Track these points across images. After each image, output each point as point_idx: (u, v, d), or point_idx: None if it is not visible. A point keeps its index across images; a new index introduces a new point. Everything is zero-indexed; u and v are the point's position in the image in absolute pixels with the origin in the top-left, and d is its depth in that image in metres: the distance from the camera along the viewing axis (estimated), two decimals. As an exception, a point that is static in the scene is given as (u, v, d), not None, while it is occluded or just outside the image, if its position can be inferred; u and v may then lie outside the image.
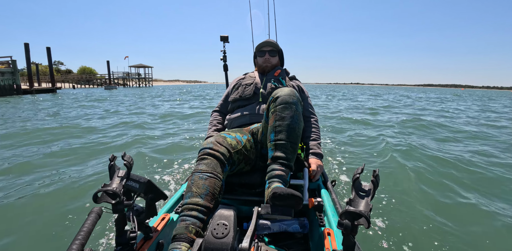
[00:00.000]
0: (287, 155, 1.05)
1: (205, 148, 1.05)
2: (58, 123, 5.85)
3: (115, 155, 0.80)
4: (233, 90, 1.65)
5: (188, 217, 0.88)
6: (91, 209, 0.73)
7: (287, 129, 1.07)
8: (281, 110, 1.10)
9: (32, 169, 2.80)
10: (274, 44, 1.64)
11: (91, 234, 0.67)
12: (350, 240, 0.67)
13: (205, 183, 0.95)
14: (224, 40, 2.35)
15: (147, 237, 0.91)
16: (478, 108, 12.11)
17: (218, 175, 0.99)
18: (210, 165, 1.00)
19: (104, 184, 0.75)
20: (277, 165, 1.03)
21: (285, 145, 1.06)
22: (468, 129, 5.59)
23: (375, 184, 0.67)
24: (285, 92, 1.13)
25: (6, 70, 18.29)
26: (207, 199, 0.93)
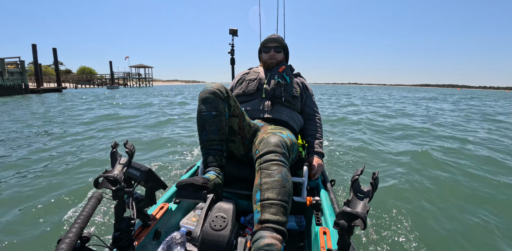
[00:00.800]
0: (279, 218, 0.84)
1: (206, 87, 1.17)
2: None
3: (117, 143, 0.81)
4: (237, 85, 1.64)
5: (211, 150, 1.12)
6: (92, 194, 0.75)
7: (276, 186, 0.90)
8: (266, 166, 0.96)
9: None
10: (280, 40, 1.62)
11: (90, 218, 0.68)
12: (345, 240, 0.67)
13: (214, 121, 1.12)
14: (234, 33, 2.33)
15: (145, 225, 0.92)
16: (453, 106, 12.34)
17: (222, 111, 1.14)
18: (212, 104, 1.12)
19: (106, 170, 0.76)
20: (267, 231, 0.81)
21: (275, 205, 0.86)
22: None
23: (374, 186, 0.67)
24: (270, 148, 1.00)
25: (15, 70, 19.00)
26: (220, 134, 1.13)
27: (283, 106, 1.49)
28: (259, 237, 0.79)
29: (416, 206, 2.10)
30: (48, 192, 2.09)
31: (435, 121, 6.77)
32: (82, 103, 11.06)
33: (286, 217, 0.87)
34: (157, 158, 2.97)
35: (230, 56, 2.45)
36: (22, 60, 19.61)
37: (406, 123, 6.31)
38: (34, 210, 1.82)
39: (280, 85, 1.51)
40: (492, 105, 14.48)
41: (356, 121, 6.19)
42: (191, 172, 1.46)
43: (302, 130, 1.58)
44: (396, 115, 7.96)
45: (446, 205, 2.15)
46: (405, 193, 2.32)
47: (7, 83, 17.89)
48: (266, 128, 1.28)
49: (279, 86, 1.50)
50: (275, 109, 1.46)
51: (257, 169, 0.99)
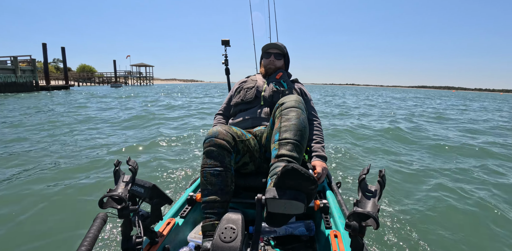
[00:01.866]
0: (294, 154, 0.97)
1: (211, 137, 1.07)
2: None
3: (119, 160, 0.81)
4: (235, 94, 1.65)
5: (211, 215, 1.00)
6: (97, 214, 0.73)
7: (294, 128, 1.01)
8: (286, 112, 1.07)
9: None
10: (281, 47, 1.64)
11: (97, 239, 0.66)
12: (358, 242, 0.66)
13: (218, 179, 1.03)
14: (226, 44, 2.35)
15: (153, 242, 0.90)
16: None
17: (227, 166, 1.05)
18: (218, 158, 1.04)
19: (110, 189, 0.75)
20: (283, 162, 0.93)
21: (291, 143, 0.98)
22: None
23: (382, 184, 0.67)
24: (291, 98, 1.12)
25: (26, 68, 19.78)
26: (223, 194, 1.03)
27: None
28: (276, 167, 0.93)
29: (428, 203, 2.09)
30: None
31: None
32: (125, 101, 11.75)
33: (300, 155, 0.99)
34: (160, 171, 2.94)
35: (225, 66, 2.46)
36: (33, 58, 20.45)
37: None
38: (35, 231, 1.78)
39: (278, 91, 1.52)
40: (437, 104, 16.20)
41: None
42: (195, 185, 1.45)
43: None
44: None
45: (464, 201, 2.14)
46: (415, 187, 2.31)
47: (20, 80, 18.70)
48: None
49: (277, 93, 1.51)
50: None
51: (278, 115, 1.09)
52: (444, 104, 16.42)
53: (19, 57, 19.25)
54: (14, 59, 18.42)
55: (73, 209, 2.07)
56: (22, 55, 19.90)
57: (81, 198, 2.25)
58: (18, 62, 18.65)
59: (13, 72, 18.36)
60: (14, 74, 18.24)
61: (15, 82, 18.30)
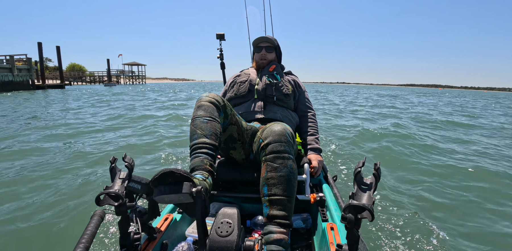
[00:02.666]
0: (285, 213, 0.94)
1: (202, 96, 1.14)
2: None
3: (115, 157, 0.80)
4: (229, 88, 1.64)
5: (200, 154, 0.98)
6: (94, 212, 0.73)
7: (282, 181, 0.96)
8: (272, 159, 0.99)
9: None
10: (271, 40, 1.63)
11: (94, 237, 0.66)
12: (354, 234, 0.67)
13: (207, 125, 1.04)
14: (220, 38, 2.32)
15: (151, 238, 0.90)
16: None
17: (216, 118, 1.08)
18: (207, 110, 1.08)
19: (106, 186, 0.75)
20: (275, 226, 0.91)
21: (281, 201, 0.95)
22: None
23: (377, 177, 0.68)
24: (275, 137, 1.01)
25: (23, 67, 20.02)
26: (213, 138, 1.02)
27: (276, 106, 1.49)
28: (269, 232, 0.91)
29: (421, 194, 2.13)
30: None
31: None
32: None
33: (292, 209, 0.97)
34: (157, 167, 2.93)
35: (220, 61, 2.44)
36: (29, 57, 20.77)
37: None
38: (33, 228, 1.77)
39: (271, 84, 1.51)
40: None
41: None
42: None
43: (298, 127, 1.59)
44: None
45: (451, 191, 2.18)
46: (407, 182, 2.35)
47: (17, 79, 19.01)
48: (263, 127, 1.28)
49: (270, 86, 1.51)
50: (268, 109, 1.47)
51: (263, 160, 1.02)
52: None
53: (14, 56, 19.33)
54: (10, 58, 18.60)
55: (69, 206, 2.07)
56: (18, 54, 20.10)
57: (78, 195, 2.24)
58: (14, 61, 18.92)
59: (10, 71, 18.57)
60: (11, 73, 18.47)
61: (12, 81, 18.55)
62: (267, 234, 0.90)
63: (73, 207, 2.01)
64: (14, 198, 2.17)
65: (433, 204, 1.99)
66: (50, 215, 1.93)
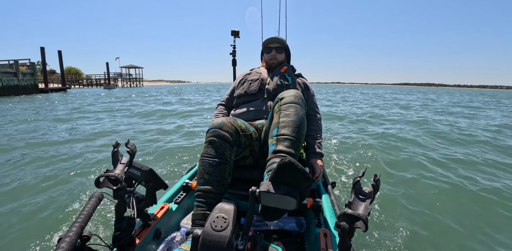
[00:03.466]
0: (292, 150, 0.96)
1: (215, 128, 1.05)
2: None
3: (118, 142, 0.81)
4: (239, 85, 1.64)
5: (203, 204, 0.99)
6: (93, 193, 0.75)
7: (292, 125, 1.01)
8: (285, 108, 1.06)
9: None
10: (281, 40, 1.62)
11: (91, 217, 0.68)
12: (346, 242, 0.67)
13: (216, 170, 1.02)
14: (235, 34, 2.33)
15: (145, 225, 0.92)
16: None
17: (228, 159, 1.04)
18: (219, 150, 1.03)
19: (107, 169, 0.76)
20: (279, 158, 0.92)
21: (289, 139, 0.98)
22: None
23: (376, 188, 0.67)
24: (291, 93, 1.11)
25: (27, 71, 20.49)
26: (219, 186, 1.02)
27: None
28: (272, 162, 0.92)
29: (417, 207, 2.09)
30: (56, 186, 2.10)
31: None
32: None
33: (297, 152, 0.98)
34: (158, 157, 2.97)
35: (232, 57, 2.44)
36: (33, 62, 21.36)
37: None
38: (33, 207, 1.82)
39: (282, 85, 1.51)
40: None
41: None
42: (192, 172, 1.46)
43: None
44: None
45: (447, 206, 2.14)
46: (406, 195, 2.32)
47: (22, 83, 19.52)
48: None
49: (281, 87, 1.50)
50: None
51: (276, 110, 1.07)
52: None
53: (20, 60, 19.81)
54: (15, 63, 19.11)
55: (68, 188, 2.11)
56: (22, 59, 20.54)
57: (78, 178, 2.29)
58: (19, 65, 19.31)
59: (15, 75, 19.01)
60: (16, 77, 18.93)
61: (17, 85, 19.01)
62: (270, 165, 0.91)
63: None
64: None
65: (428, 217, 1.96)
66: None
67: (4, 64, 19.35)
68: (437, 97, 21.75)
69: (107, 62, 40.46)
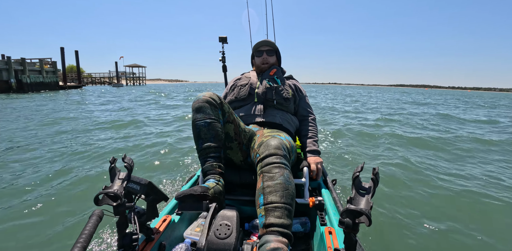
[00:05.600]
0: (284, 221, 0.85)
1: (198, 97, 1.17)
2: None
3: (115, 158, 0.81)
4: (230, 91, 1.65)
5: (209, 158, 1.11)
6: (92, 211, 0.73)
7: (279, 188, 0.91)
8: (268, 170, 0.96)
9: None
10: (272, 43, 1.63)
11: (92, 237, 0.67)
12: (351, 238, 0.67)
13: (209, 128, 1.12)
14: (223, 41, 2.34)
15: (149, 239, 0.90)
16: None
17: (215, 118, 1.14)
18: (206, 111, 1.14)
19: (105, 186, 0.75)
20: (273, 235, 0.81)
21: (279, 208, 0.87)
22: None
23: (375, 182, 0.68)
24: (271, 150, 1.01)
25: (49, 70, 23.45)
26: (216, 141, 1.13)
27: (276, 109, 1.50)
28: (265, 242, 0.79)
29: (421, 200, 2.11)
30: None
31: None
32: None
33: (291, 220, 0.88)
34: (156, 169, 2.93)
35: (222, 63, 2.45)
36: (54, 61, 24.50)
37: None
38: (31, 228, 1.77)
39: (271, 88, 1.52)
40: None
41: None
42: (191, 182, 1.45)
43: (297, 131, 1.59)
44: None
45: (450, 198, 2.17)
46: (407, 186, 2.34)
47: (46, 80, 22.32)
48: (262, 132, 1.28)
49: (270, 90, 1.51)
50: (268, 112, 1.47)
51: (259, 172, 1.00)
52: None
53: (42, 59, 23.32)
54: (40, 61, 22.32)
55: (68, 206, 2.07)
56: (45, 58, 23.77)
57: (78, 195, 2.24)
58: (43, 64, 22.42)
59: (40, 73, 21.89)
60: (41, 75, 21.78)
61: (42, 82, 21.76)
62: (263, 244, 0.79)
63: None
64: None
65: (436, 209, 1.98)
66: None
67: (31, 62, 21.81)
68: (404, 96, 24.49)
69: (116, 62, 42.64)
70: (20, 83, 19.95)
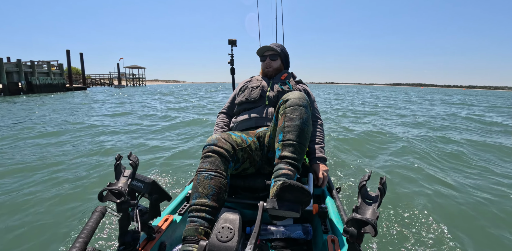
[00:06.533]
0: (296, 155, 1.02)
1: (210, 144, 1.06)
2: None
3: (121, 155, 0.81)
4: (239, 93, 1.66)
5: (196, 219, 0.91)
6: (96, 207, 0.74)
7: (297, 129, 1.05)
8: (290, 111, 1.08)
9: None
10: (273, 48, 1.64)
11: (94, 232, 0.67)
12: (355, 248, 0.66)
13: (211, 183, 0.98)
14: (232, 43, 2.36)
15: (150, 238, 0.90)
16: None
17: (223, 173, 1.02)
18: (214, 164, 1.02)
19: (110, 183, 0.76)
20: (284, 164, 1.01)
21: (293, 145, 1.03)
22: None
23: (382, 191, 0.66)
24: (295, 95, 1.14)
25: (57, 72, 24.74)
26: (214, 199, 0.96)
27: None
28: (278, 169, 1.00)
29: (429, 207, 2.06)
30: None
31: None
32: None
33: (302, 156, 1.05)
34: (160, 168, 2.95)
35: (230, 66, 2.47)
36: (61, 63, 25.64)
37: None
38: (36, 222, 1.80)
39: (283, 92, 1.52)
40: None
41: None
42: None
43: None
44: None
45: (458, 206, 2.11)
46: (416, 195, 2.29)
47: (54, 82, 23.44)
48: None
49: (281, 93, 1.52)
50: None
51: (282, 112, 1.11)
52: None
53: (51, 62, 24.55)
54: (47, 64, 23.50)
55: (71, 201, 2.09)
56: (52, 60, 24.66)
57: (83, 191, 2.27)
58: (51, 66, 23.62)
59: (47, 75, 23.15)
60: (49, 77, 22.95)
61: (50, 83, 22.87)
62: (276, 170, 1.00)
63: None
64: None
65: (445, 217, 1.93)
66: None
67: (38, 64, 22.71)
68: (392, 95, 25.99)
69: (118, 63, 43.91)
70: (30, 85, 20.84)
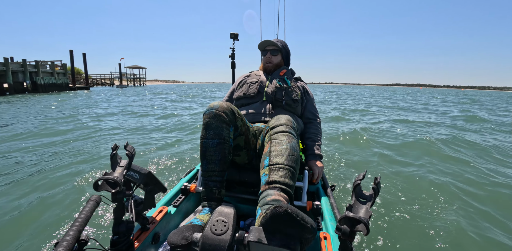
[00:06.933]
0: (286, 180, 0.86)
1: (211, 109, 1.08)
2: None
3: (117, 145, 0.81)
4: (238, 88, 1.64)
5: (210, 182, 1.06)
6: (90, 196, 0.74)
7: (285, 153, 0.93)
8: (277, 137, 1.01)
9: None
10: (275, 43, 1.62)
11: (88, 221, 0.67)
12: (347, 246, 0.66)
13: (216, 150, 1.06)
14: (235, 37, 2.34)
15: (144, 228, 0.91)
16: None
17: (226, 138, 1.08)
18: (216, 130, 1.06)
19: (105, 172, 0.76)
20: (275, 190, 0.82)
21: (283, 169, 0.88)
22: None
23: (376, 191, 0.67)
24: (281, 121, 1.06)
25: (60, 71, 25.01)
26: (221, 164, 1.07)
27: (283, 110, 1.49)
28: (266, 195, 0.81)
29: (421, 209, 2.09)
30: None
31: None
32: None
33: (293, 182, 0.89)
34: (157, 159, 2.95)
35: (231, 60, 2.45)
36: (64, 63, 25.95)
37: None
38: (31, 210, 1.80)
39: (281, 88, 1.51)
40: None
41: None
42: (190, 175, 1.45)
43: (301, 133, 1.58)
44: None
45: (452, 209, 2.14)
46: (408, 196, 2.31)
47: (58, 81, 23.77)
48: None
49: (280, 90, 1.51)
50: (276, 112, 1.46)
51: (267, 140, 1.04)
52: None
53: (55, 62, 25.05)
54: (51, 64, 23.96)
55: (66, 191, 2.10)
56: (56, 60, 25.07)
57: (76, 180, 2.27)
58: (55, 66, 24.06)
59: (52, 75, 23.49)
60: (53, 77, 23.32)
61: (55, 83, 23.22)
62: (263, 198, 0.79)
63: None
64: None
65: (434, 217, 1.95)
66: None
67: (43, 64, 23.15)
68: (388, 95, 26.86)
69: (120, 63, 44.19)
70: (35, 85, 21.10)
